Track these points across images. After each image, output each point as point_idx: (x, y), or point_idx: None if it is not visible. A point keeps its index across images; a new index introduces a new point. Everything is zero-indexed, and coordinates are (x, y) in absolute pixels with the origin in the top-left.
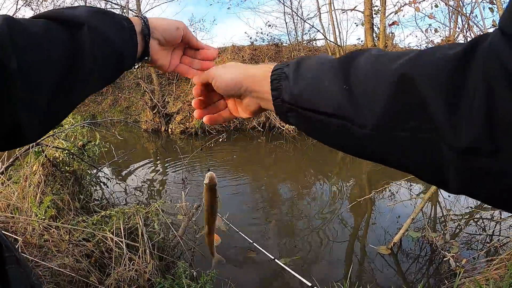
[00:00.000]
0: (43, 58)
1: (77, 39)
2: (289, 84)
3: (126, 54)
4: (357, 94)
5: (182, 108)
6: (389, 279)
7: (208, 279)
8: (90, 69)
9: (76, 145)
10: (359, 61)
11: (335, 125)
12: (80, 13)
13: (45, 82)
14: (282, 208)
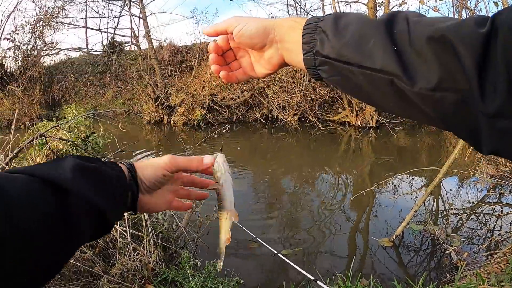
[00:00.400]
0: (25, 232)
1: (62, 207)
2: (328, 38)
3: (112, 219)
4: (405, 53)
5: (185, 100)
6: (391, 271)
7: (212, 269)
8: (75, 237)
9: (79, 136)
10: (403, 24)
11: (380, 79)
12: (64, 174)
13: (27, 261)
14: (284, 200)
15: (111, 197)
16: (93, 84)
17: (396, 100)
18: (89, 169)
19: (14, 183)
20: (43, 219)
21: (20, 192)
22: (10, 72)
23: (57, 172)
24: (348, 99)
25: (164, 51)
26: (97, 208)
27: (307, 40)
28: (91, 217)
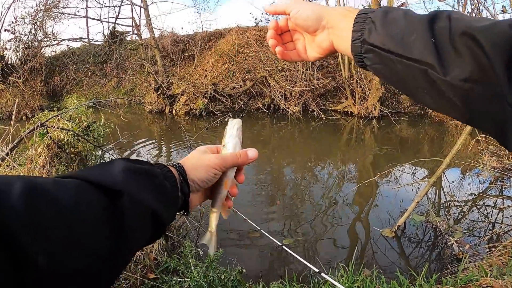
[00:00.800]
0: (78, 243)
1: (115, 213)
2: (375, 28)
3: (166, 221)
4: (442, 46)
5: (187, 89)
6: (393, 261)
7: (214, 258)
8: (129, 246)
9: (80, 126)
10: (445, 21)
11: (416, 69)
12: (117, 176)
13: (80, 273)
14: (287, 190)
15: (164, 198)
16: (95, 74)
17: (429, 90)
18: (140, 171)
19: (65, 189)
20: (96, 226)
21: (72, 199)
22: (11, 63)
23: (108, 175)
24: (350, 89)
25: (166, 41)
26: (150, 209)
27: (357, 28)
28: (145, 219)
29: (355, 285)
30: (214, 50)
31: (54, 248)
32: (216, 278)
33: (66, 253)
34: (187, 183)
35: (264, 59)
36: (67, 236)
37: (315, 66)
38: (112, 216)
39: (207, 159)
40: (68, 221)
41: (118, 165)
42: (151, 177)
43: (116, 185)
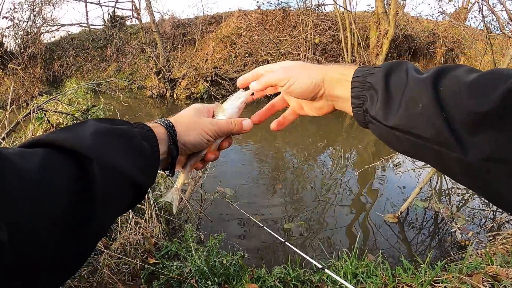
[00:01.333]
0: (43, 212)
1: (85, 179)
2: (377, 98)
3: (145, 186)
4: (457, 123)
5: (188, 73)
6: (396, 247)
7: (216, 243)
8: (101, 213)
9: (80, 110)
10: (452, 87)
11: (429, 149)
12: (86, 140)
13: (46, 244)
14: (288, 175)
15: (142, 161)
16: (95, 59)
17: (441, 165)
18: (113, 132)
19: (30, 158)
20: (64, 195)
21: (36, 167)
22: (10, 50)
23: (76, 137)
24: None
25: (166, 24)
26: (125, 175)
27: (356, 95)
28: (120, 186)
29: (359, 271)
30: (215, 34)
31: (16, 219)
32: (218, 262)
33: (29, 224)
34: (176, 145)
35: (265, 42)
36: (30, 207)
37: (317, 50)
38: (79, 185)
39: (202, 123)
40: (32, 192)
41: (89, 126)
42: (126, 139)
43: (85, 150)
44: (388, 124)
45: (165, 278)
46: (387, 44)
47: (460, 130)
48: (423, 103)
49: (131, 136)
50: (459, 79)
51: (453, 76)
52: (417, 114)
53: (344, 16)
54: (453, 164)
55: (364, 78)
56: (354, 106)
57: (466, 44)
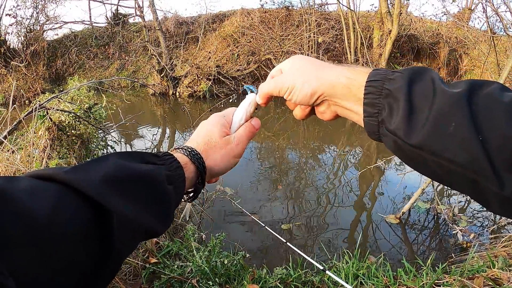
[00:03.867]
0: (52, 262)
1: (102, 226)
2: (398, 108)
3: (161, 232)
4: (494, 150)
5: (190, 72)
6: (397, 248)
7: (217, 243)
8: (114, 264)
9: (82, 108)
10: (488, 107)
11: (459, 175)
12: (107, 189)
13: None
14: (290, 174)
15: (163, 209)
16: (97, 57)
17: (468, 191)
18: (135, 178)
19: (42, 198)
20: (75, 241)
21: (48, 211)
22: (13, 48)
23: (94, 180)
24: None
25: (169, 22)
26: (144, 227)
27: (370, 102)
28: (136, 235)
29: (360, 272)
30: (218, 32)
31: (23, 270)
32: (219, 262)
33: (40, 270)
34: (203, 183)
35: (268, 41)
36: (39, 255)
37: (320, 49)
38: (96, 232)
39: (231, 150)
40: (42, 238)
41: (109, 166)
42: (150, 186)
43: (104, 203)
44: (411, 142)
45: (166, 278)
46: (390, 44)
47: (497, 159)
48: (456, 122)
49: (156, 183)
50: (495, 99)
51: (488, 94)
52: (449, 135)
53: (347, 15)
54: (489, 195)
55: (382, 83)
56: (366, 115)
57: (469, 44)
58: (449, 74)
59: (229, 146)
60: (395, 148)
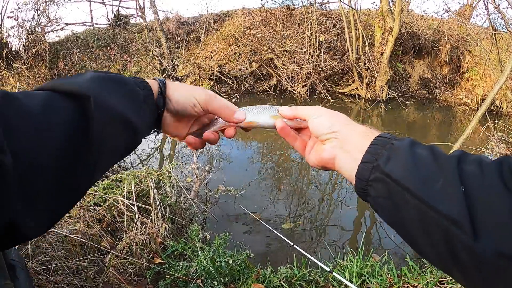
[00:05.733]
0: (43, 143)
1: (83, 115)
2: (397, 157)
3: (138, 127)
4: (476, 201)
5: (192, 72)
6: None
7: (222, 242)
8: (99, 148)
9: None
10: (475, 166)
11: (435, 222)
12: (84, 83)
13: (45, 172)
14: (292, 173)
15: (135, 105)
16: (99, 58)
17: (438, 247)
18: (109, 78)
19: (34, 98)
20: (63, 129)
21: (39, 105)
22: (15, 50)
23: (75, 82)
24: (358, 72)
25: (170, 23)
26: (119, 114)
27: (372, 151)
28: (116, 126)
29: (365, 271)
30: (219, 32)
31: (20, 147)
32: (224, 262)
33: (32, 151)
34: (163, 97)
35: (270, 40)
36: (34, 137)
37: (322, 48)
38: (78, 119)
39: (196, 89)
40: (36, 124)
41: (87, 74)
42: (121, 84)
43: (83, 90)
44: (403, 183)
45: (171, 278)
46: (392, 41)
47: (483, 209)
48: (445, 179)
49: (125, 83)
50: (482, 160)
51: (475, 159)
52: (437, 188)
53: (348, 13)
54: (454, 247)
55: (389, 140)
56: (364, 160)
57: (471, 42)
58: (451, 71)
59: (197, 88)
60: (379, 192)
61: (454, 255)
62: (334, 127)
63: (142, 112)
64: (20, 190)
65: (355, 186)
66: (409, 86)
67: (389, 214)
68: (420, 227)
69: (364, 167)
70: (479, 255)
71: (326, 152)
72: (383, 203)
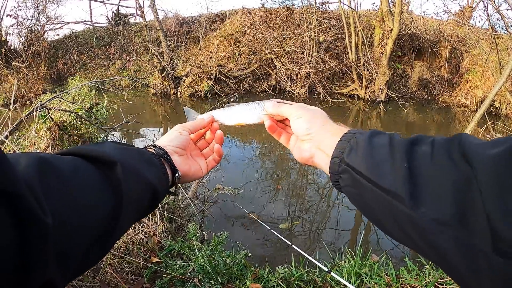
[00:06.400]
0: (77, 204)
1: (112, 179)
2: (357, 148)
3: (160, 190)
4: (418, 174)
5: (191, 71)
6: (400, 247)
7: (219, 242)
8: (128, 210)
9: (83, 108)
10: (427, 146)
11: (383, 199)
12: (109, 150)
13: (83, 231)
14: (290, 174)
15: (155, 170)
16: (98, 57)
17: (393, 223)
18: (129, 148)
19: (64, 161)
20: (95, 191)
21: (71, 168)
22: (14, 48)
23: (100, 149)
24: (357, 72)
25: (170, 22)
26: (144, 178)
27: (339, 146)
28: (140, 188)
29: (363, 271)
30: (219, 32)
31: (59, 209)
32: (221, 262)
33: (71, 210)
34: (159, 148)
35: (270, 40)
36: (70, 199)
37: (321, 48)
38: (109, 183)
39: (171, 135)
40: (70, 187)
41: (108, 143)
42: (140, 153)
43: (109, 156)
44: (357, 169)
45: (168, 277)
46: (392, 42)
47: (423, 182)
48: (394, 158)
49: (142, 152)
50: (435, 140)
51: (431, 139)
52: (385, 167)
53: (348, 14)
54: (398, 217)
55: (353, 135)
56: (333, 156)
57: (470, 43)
58: (450, 72)
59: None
60: (346, 181)
61: (402, 229)
62: (311, 130)
63: (161, 176)
64: (57, 251)
65: (330, 179)
66: (408, 87)
67: (357, 201)
68: (377, 208)
69: (334, 162)
70: (419, 224)
71: (305, 152)
72: (350, 191)
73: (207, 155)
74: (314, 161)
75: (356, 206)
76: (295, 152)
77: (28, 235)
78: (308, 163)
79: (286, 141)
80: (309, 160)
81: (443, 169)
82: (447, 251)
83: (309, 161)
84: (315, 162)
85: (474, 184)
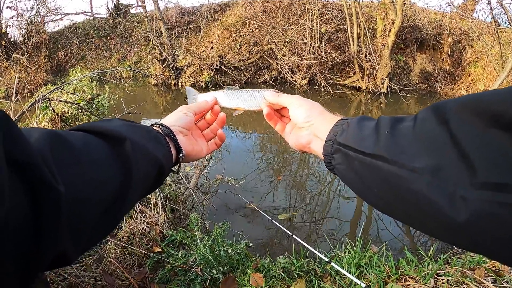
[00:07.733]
0: (89, 177)
1: (121, 155)
2: (347, 130)
3: (165, 166)
4: (399, 136)
5: (192, 62)
6: (399, 238)
7: (221, 232)
8: (136, 185)
9: (84, 99)
10: (410, 121)
11: (369, 164)
12: (119, 127)
13: (94, 204)
14: (291, 165)
15: (161, 147)
16: (99, 48)
17: (380, 187)
18: (136, 125)
19: (75, 136)
20: (105, 164)
21: (81, 142)
22: (14, 40)
23: (109, 125)
24: (359, 64)
25: (171, 12)
26: (151, 154)
27: (332, 130)
28: (148, 164)
29: (363, 262)
30: (220, 22)
31: (71, 180)
32: (223, 251)
33: (82, 184)
34: (165, 127)
35: (271, 31)
36: (81, 171)
37: (323, 39)
38: (118, 157)
39: (176, 115)
40: (81, 161)
41: (116, 120)
42: (146, 130)
43: (118, 132)
44: (346, 143)
45: (170, 267)
46: (394, 34)
47: (401, 140)
48: (379, 131)
49: (149, 129)
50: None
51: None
52: (371, 138)
53: (350, 5)
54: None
55: (346, 120)
56: (327, 139)
57: (473, 36)
58: (452, 65)
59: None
60: (337, 160)
61: (391, 189)
62: (310, 118)
63: (166, 153)
64: (69, 222)
65: (324, 161)
66: (410, 79)
67: (347, 177)
68: (365, 175)
69: (327, 144)
70: (399, 174)
71: (303, 138)
72: (341, 168)
73: (207, 137)
74: (310, 147)
75: (347, 183)
76: (291, 139)
77: (41, 202)
78: (304, 149)
79: (282, 129)
80: (305, 147)
81: (422, 130)
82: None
83: (305, 148)
84: (311, 148)
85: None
